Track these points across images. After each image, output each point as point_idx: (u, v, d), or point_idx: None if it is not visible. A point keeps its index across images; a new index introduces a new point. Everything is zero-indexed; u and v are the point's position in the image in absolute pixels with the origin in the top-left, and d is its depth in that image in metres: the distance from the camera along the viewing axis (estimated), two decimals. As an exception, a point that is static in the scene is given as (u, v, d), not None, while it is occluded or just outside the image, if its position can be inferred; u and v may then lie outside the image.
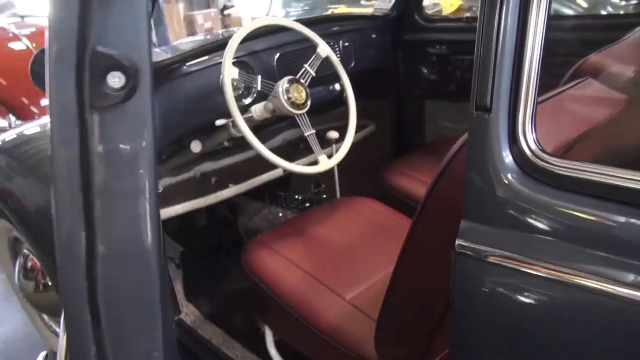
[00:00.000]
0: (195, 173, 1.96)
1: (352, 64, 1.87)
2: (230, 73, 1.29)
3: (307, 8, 5.15)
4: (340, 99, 1.67)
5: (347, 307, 1.20)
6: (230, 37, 1.34)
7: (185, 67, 1.42)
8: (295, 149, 2.13)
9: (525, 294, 0.65)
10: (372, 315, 1.12)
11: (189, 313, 1.62)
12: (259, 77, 1.36)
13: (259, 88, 1.35)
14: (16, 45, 3.41)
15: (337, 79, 1.61)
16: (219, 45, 1.47)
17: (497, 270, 0.67)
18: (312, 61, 1.46)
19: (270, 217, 2.02)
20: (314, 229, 1.47)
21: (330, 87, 1.76)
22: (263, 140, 2.20)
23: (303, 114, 1.39)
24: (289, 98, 1.36)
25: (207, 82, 1.46)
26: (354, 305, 1.20)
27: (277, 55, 1.60)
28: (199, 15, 6.36)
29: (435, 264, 0.79)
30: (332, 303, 1.21)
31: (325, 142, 1.89)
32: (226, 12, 6.52)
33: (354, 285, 1.26)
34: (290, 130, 2.17)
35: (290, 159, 1.91)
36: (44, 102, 3.47)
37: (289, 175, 2.05)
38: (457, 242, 0.69)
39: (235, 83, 1.47)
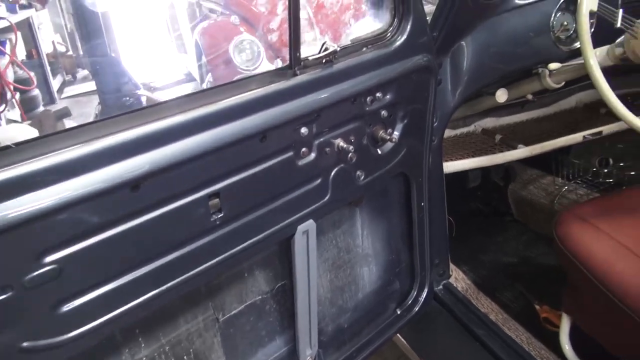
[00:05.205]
0: (476, 128, 1.80)
1: None
2: (589, 2, 1.06)
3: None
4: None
5: None
6: None
7: (515, 0, 1.23)
8: (595, 114, 1.81)
9: None
10: None
11: (458, 279, 1.49)
12: (621, 10, 1.09)
13: (618, 25, 1.09)
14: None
15: None
16: None
17: None
18: None
19: (552, 188, 1.75)
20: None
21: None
22: (547, 101, 1.94)
23: None
24: (655, 41, 1.08)
25: (536, 19, 1.26)
26: None
27: None
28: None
29: None
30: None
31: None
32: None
33: None
34: (588, 90, 1.85)
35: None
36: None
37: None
38: None
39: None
